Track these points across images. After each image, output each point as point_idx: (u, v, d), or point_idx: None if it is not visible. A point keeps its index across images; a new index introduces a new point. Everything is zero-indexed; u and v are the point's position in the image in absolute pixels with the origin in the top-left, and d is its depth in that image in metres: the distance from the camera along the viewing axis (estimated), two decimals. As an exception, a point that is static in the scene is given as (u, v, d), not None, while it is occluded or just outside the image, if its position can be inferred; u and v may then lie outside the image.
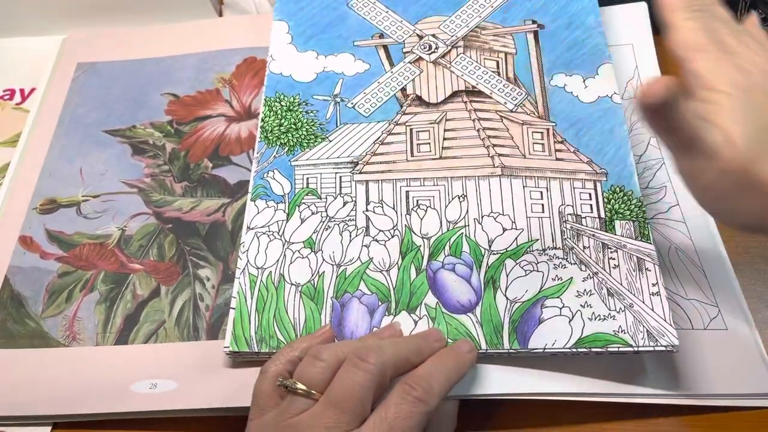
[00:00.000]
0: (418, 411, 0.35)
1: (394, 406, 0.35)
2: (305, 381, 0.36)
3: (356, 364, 0.35)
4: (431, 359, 0.38)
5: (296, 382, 0.36)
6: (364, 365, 0.35)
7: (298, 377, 0.36)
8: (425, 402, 0.35)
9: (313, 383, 0.36)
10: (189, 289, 0.49)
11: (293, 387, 0.36)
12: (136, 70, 0.62)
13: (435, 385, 0.36)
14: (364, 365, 0.35)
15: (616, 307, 0.42)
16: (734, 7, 0.65)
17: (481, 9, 0.56)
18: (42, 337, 0.47)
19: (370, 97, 0.52)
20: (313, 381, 0.36)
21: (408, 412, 0.34)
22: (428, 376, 0.36)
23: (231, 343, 0.42)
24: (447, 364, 0.38)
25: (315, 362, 0.36)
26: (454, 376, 0.38)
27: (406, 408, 0.35)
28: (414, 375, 0.37)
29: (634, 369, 0.43)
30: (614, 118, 0.50)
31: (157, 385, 0.44)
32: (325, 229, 0.46)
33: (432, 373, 0.37)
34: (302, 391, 0.36)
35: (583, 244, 0.45)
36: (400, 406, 0.35)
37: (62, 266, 0.51)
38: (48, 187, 0.55)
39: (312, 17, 0.57)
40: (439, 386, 0.36)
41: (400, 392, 0.35)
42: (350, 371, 0.35)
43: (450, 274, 0.44)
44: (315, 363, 0.36)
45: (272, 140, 0.51)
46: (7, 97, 0.63)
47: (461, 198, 0.47)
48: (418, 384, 0.35)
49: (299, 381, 0.36)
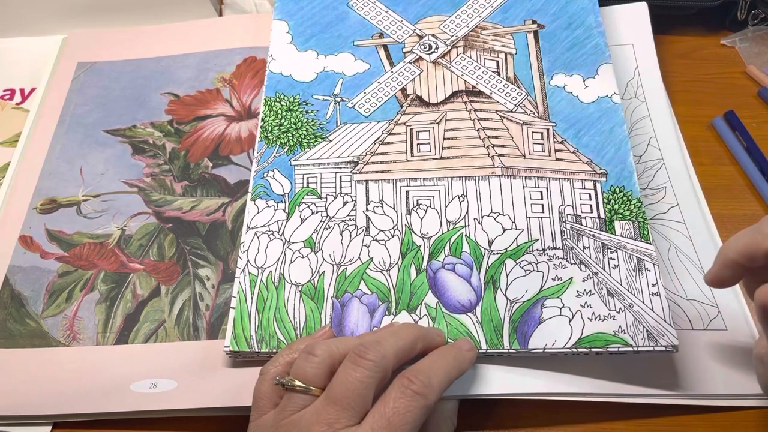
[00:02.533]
0: (416, 405, 0.35)
1: (392, 400, 0.35)
2: (301, 377, 0.36)
3: (356, 361, 0.35)
4: (431, 354, 0.38)
5: (293, 379, 0.36)
6: (363, 362, 0.35)
7: (294, 374, 0.36)
8: (424, 396, 0.35)
9: (309, 378, 0.36)
10: (189, 289, 0.49)
11: (290, 384, 0.36)
12: (137, 69, 0.62)
13: (434, 378, 0.36)
14: (363, 362, 0.35)
15: (616, 307, 0.42)
16: (734, 7, 0.66)
17: (481, 9, 0.56)
18: (42, 336, 0.47)
19: (370, 96, 0.52)
20: (308, 376, 0.36)
21: (407, 407, 0.34)
22: (427, 370, 0.36)
23: (231, 342, 0.42)
24: (447, 359, 0.38)
25: (309, 358, 0.37)
26: (453, 372, 0.38)
27: (404, 402, 0.34)
28: (413, 369, 0.36)
29: (634, 369, 0.43)
30: (614, 118, 0.50)
31: (157, 384, 0.44)
32: (325, 228, 0.46)
33: (431, 366, 0.37)
34: (300, 387, 0.36)
35: (582, 244, 0.45)
36: (398, 400, 0.35)
37: (62, 266, 0.51)
38: (48, 186, 0.55)
39: (312, 17, 0.57)
40: (439, 380, 0.36)
41: (398, 386, 0.35)
42: (350, 368, 0.35)
43: (450, 274, 0.44)
44: (309, 359, 0.37)
45: (272, 140, 0.51)
46: (7, 97, 0.63)
47: (461, 198, 0.47)
48: (416, 377, 0.35)
49: (296, 378, 0.36)
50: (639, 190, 0.47)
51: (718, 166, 0.57)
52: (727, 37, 0.67)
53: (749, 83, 0.63)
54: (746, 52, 0.65)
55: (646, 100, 0.58)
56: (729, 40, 0.66)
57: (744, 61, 0.65)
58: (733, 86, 0.63)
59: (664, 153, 0.55)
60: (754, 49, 0.65)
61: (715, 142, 0.59)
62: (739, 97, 0.62)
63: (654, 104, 0.58)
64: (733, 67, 0.65)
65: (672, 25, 0.67)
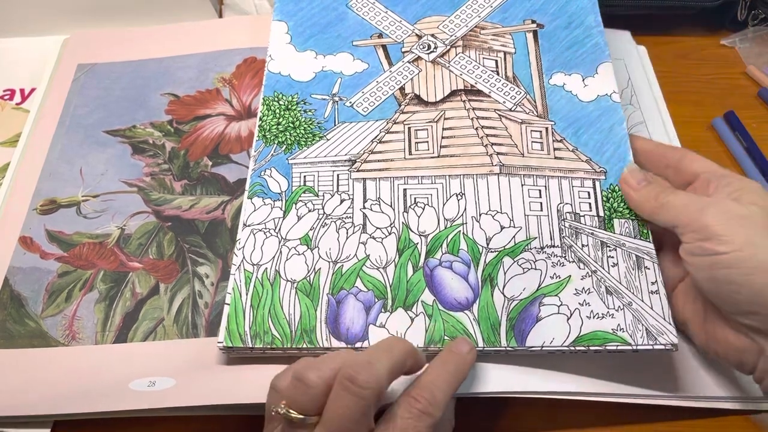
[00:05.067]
0: (424, 425, 0.34)
1: (399, 419, 0.34)
2: (298, 408, 0.34)
3: (347, 388, 0.33)
4: (433, 366, 0.38)
5: (290, 411, 0.34)
6: (355, 389, 0.33)
7: (289, 405, 0.35)
8: (430, 414, 0.35)
9: (306, 409, 0.34)
10: (188, 287, 0.49)
11: (288, 416, 0.34)
12: (137, 70, 0.62)
13: (438, 393, 0.36)
14: (355, 389, 0.33)
15: (615, 306, 0.42)
16: (734, 7, 0.65)
17: (480, 9, 0.56)
18: (42, 336, 0.47)
19: (368, 96, 0.52)
20: (305, 407, 0.34)
21: (414, 427, 0.34)
22: (431, 386, 0.36)
23: (225, 338, 0.42)
24: (449, 369, 0.38)
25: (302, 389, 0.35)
26: (456, 382, 0.38)
27: (412, 422, 0.34)
28: (417, 386, 0.36)
29: (632, 369, 0.43)
30: (613, 117, 0.50)
31: (156, 382, 0.44)
32: (321, 226, 0.46)
33: (434, 381, 0.36)
34: (297, 419, 0.34)
35: (581, 243, 0.45)
36: (406, 420, 0.34)
37: (62, 266, 0.51)
38: (48, 187, 0.55)
39: (311, 17, 0.57)
40: (443, 394, 0.36)
41: (405, 406, 0.35)
42: (342, 396, 0.34)
43: (447, 272, 0.44)
44: (302, 390, 0.34)
45: (270, 139, 0.51)
46: (7, 97, 0.63)
47: (459, 196, 0.47)
48: (421, 395, 0.35)
49: (291, 408, 0.34)
50: (638, 189, 0.46)
51: (718, 166, 0.57)
52: (727, 37, 0.67)
53: (749, 83, 0.63)
54: (746, 53, 0.65)
55: (641, 107, 0.59)
56: (729, 40, 0.66)
57: (744, 62, 0.65)
58: (733, 86, 0.63)
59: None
60: (754, 50, 0.65)
61: (715, 142, 0.59)
62: (739, 97, 0.62)
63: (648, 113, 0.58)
64: (733, 68, 0.65)
65: (672, 25, 0.68)
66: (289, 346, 0.42)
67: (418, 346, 0.41)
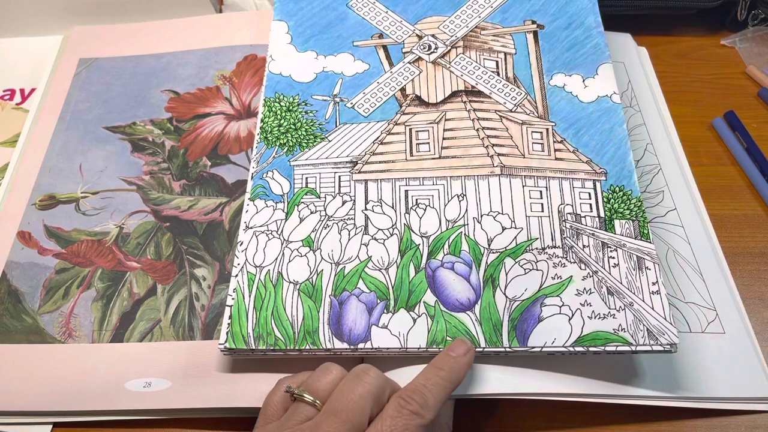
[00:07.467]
0: (413, 425, 0.35)
1: (389, 419, 0.35)
2: (312, 390, 0.37)
3: (358, 376, 0.37)
4: (426, 369, 0.38)
5: (304, 391, 0.37)
6: (365, 376, 0.36)
7: (306, 386, 0.37)
8: (420, 415, 0.35)
9: (320, 393, 0.37)
10: (185, 289, 0.49)
11: (299, 395, 0.37)
12: (137, 66, 0.62)
13: (430, 397, 0.36)
14: (365, 376, 0.36)
15: (616, 306, 0.42)
16: (734, 7, 0.66)
17: (480, 9, 0.56)
18: (38, 333, 0.47)
19: (369, 97, 0.52)
20: (319, 391, 0.37)
21: (404, 426, 0.34)
22: (422, 389, 0.36)
23: (228, 339, 0.42)
24: (442, 373, 0.38)
25: (326, 374, 0.38)
26: (450, 386, 0.38)
27: (401, 421, 0.35)
28: (409, 389, 0.37)
29: (633, 370, 0.43)
30: (614, 118, 0.50)
31: (151, 383, 0.44)
32: (323, 227, 0.46)
33: (426, 384, 0.37)
34: (308, 399, 0.36)
35: (582, 243, 0.45)
36: (395, 419, 0.35)
37: (60, 262, 0.50)
38: (47, 182, 0.55)
39: (311, 17, 0.57)
40: (435, 398, 0.36)
41: (395, 406, 0.35)
42: (351, 382, 0.36)
43: (449, 273, 0.44)
44: (326, 375, 0.38)
45: (271, 140, 0.51)
46: (7, 97, 0.63)
47: (460, 197, 0.47)
48: (412, 398, 0.36)
49: (306, 390, 0.37)
50: (639, 190, 0.47)
51: (718, 167, 0.57)
52: (727, 37, 0.67)
53: (749, 83, 0.63)
54: (746, 53, 0.65)
55: (641, 108, 0.59)
56: (729, 40, 0.67)
57: (744, 62, 0.65)
58: (732, 86, 0.63)
59: (660, 159, 0.55)
60: (754, 50, 0.65)
61: (715, 142, 0.59)
62: (739, 97, 0.62)
63: (648, 114, 0.58)
64: (733, 68, 0.65)
65: (672, 25, 0.68)
66: (292, 348, 0.42)
67: (420, 347, 0.41)
